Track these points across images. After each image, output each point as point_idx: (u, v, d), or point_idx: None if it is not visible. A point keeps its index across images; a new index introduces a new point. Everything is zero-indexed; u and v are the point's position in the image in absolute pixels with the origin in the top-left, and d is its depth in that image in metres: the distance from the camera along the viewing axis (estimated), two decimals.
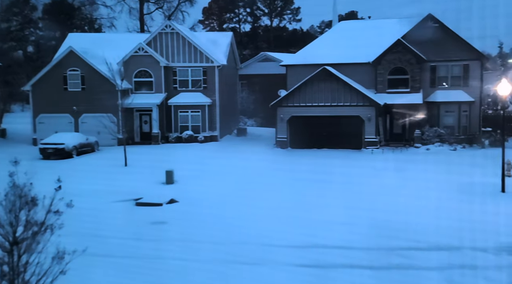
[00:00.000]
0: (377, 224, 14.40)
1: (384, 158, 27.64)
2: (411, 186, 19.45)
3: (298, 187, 19.74)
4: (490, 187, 18.78)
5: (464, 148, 30.12)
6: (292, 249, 12.68)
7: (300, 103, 31.35)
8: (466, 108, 31.99)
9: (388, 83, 32.68)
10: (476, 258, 11.75)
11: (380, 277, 10.85)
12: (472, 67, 32.01)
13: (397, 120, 32.94)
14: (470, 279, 10.60)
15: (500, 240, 12.81)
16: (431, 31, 31.76)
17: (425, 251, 12.35)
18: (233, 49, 40.13)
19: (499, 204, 16.76)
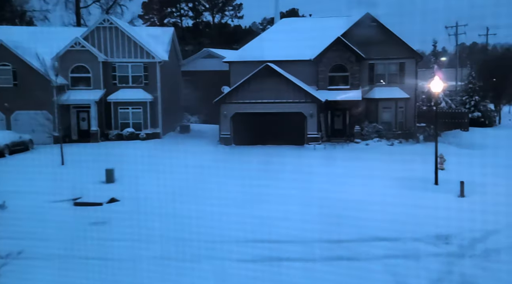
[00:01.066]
0: (321, 219, 14.65)
1: (325, 154, 28.23)
2: (351, 180, 19.95)
3: (243, 183, 19.72)
4: (425, 180, 19.64)
5: (401, 143, 31.35)
6: (237, 244, 12.64)
7: (243, 100, 31.37)
8: (402, 104, 33.31)
9: (329, 80, 33.40)
10: (413, 248, 12.23)
11: (325, 270, 11.03)
12: (408, 65, 33.35)
13: (338, 116, 33.77)
14: (409, 268, 11.01)
15: (435, 230, 13.40)
16: (369, 30, 32.74)
17: (367, 243, 12.70)
18: (175, 45, 39.53)
19: (432, 196, 17.55)
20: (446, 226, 13.69)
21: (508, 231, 13.35)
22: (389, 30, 32.96)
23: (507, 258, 11.36)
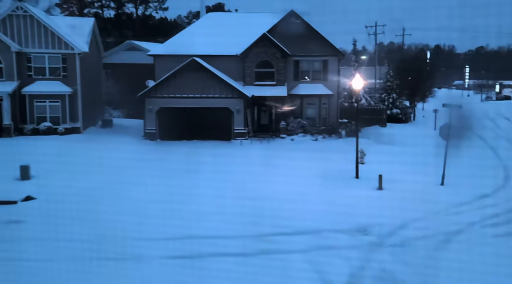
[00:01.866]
0: (246, 212, 14.72)
1: (252, 149, 28.46)
2: (277, 174, 20.27)
3: (168, 179, 19.37)
4: (346, 174, 20.41)
5: (325, 138, 32.33)
6: (162, 241, 12.39)
7: (169, 94, 30.79)
8: (326, 101, 34.35)
9: (256, 75, 33.66)
10: (334, 239, 12.65)
11: (249, 263, 11.10)
12: (331, 63, 34.40)
13: (265, 112, 34.16)
14: (329, 259, 11.37)
15: (355, 222, 13.94)
16: (293, 27, 33.37)
17: (290, 236, 12.95)
18: (96, 36, 37.92)
19: (353, 188, 18.28)
20: (365, 218, 14.30)
21: (422, 222, 14.18)
22: (312, 28, 33.79)
23: (421, 246, 12.06)
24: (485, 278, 9.96)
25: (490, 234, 12.99)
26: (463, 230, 13.26)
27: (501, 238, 12.72)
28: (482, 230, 13.37)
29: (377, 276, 10.28)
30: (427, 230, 13.20)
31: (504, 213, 15.04)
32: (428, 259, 11.24)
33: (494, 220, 14.30)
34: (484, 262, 10.91)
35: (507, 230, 13.30)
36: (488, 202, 16.41)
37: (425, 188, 18.23)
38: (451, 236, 12.72)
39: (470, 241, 12.44)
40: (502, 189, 18.41)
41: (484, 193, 17.47)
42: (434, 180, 19.06)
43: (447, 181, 18.84)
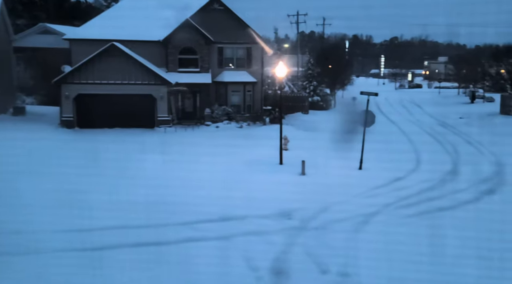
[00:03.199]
0: (168, 201, 14.51)
1: (176, 136, 28.06)
2: (201, 162, 20.16)
3: (85, 168, 18.58)
4: (270, 160, 20.75)
5: (249, 125, 32.63)
6: (68, 233, 11.82)
7: (87, 80, 29.50)
8: (250, 88, 34.60)
9: (179, 62, 33.11)
10: (259, 225, 12.84)
11: (171, 252, 10.97)
12: (254, 50, 34.65)
13: (189, 99, 33.75)
14: (254, 244, 11.54)
15: (279, 207, 14.24)
16: (217, 14, 33.16)
17: (215, 222, 12.96)
18: (4, 18, 35.30)
19: (277, 174, 18.64)
20: (289, 203, 14.64)
21: (342, 205, 14.79)
22: (236, 15, 33.76)
23: (342, 229, 12.58)
24: (398, 256, 10.59)
25: (404, 214, 13.83)
26: (379, 212, 13.99)
27: (413, 218, 13.59)
28: (396, 211, 14.19)
29: (300, 260, 10.59)
30: (347, 213, 13.78)
31: (415, 194, 16.06)
32: (348, 240, 11.75)
33: (407, 201, 15.24)
34: (398, 241, 11.62)
35: (418, 210, 14.22)
36: (402, 184, 17.45)
37: (345, 172, 19.00)
38: (369, 218, 13.39)
39: (385, 222, 13.17)
40: (414, 172, 19.64)
41: (398, 176, 18.54)
42: (353, 165, 19.91)
43: (364, 165, 19.75)
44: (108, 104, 30.03)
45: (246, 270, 10.03)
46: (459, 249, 10.88)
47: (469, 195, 15.96)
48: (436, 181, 17.91)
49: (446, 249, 10.97)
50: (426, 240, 11.72)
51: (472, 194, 16.10)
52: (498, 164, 21.14)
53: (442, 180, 18.12)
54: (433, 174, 18.81)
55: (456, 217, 13.64)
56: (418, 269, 10.04)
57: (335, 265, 10.20)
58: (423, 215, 13.85)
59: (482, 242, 11.30)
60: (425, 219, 13.46)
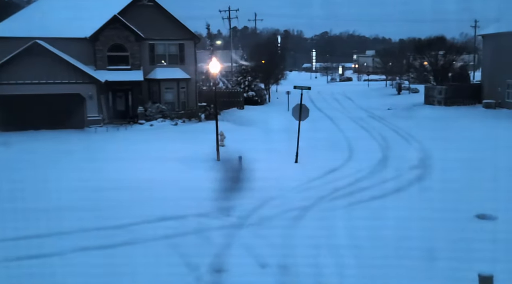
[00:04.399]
0: (102, 204, 14.02)
1: (107, 136, 27.15)
2: (135, 161, 19.64)
3: (10, 174, 17.53)
4: (207, 157, 20.59)
5: (184, 122, 32.21)
6: None
7: (8, 81, 27.85)
8: (184, 85, 34.14)
9: (108, 59, 32.03)
10: (197, 223, 12.70)
11: (109, 255, 10.61)
12: (187, 46, 34.20)
13: (120, 98, 32.77)
14: (193, 242, 11.41)
15: (217, 203, 14.16)
16: (147, 9, 32.39)
17: (151, 223, 12.67)
18: None
19: (214, 171, 18.53)
20: (227, 199, 14.60)
21: (278, 200, 14.95)
22: (166, 11, 33.15)
23: (278, 223, 12.71)
24: (334, 249, 10.86)
25: (338, 205, 14.21)
26: (314, 204, 14.29)
27: (346, 208, 13.99)
28: (330, 202, 14.55)
29: (239, 254, 10.59)
30: (283, 207, 13.95)
31: (348, 185, 16.56)
32: (284, 234, 11.89)
33: (341, 192, 15.67)
34: (331, 233, 11.93)
35: (351, 201, 14.65)
36: (336, 176, 17.92)
37: (281, 166, 19.23)
38: (304, 211, 13.63)
39: (320, 214, 13.46)
40: (347, 163, 20.24)
41: (333, 167, 19.03)
42: (289, 159, 20.20)
43: (300, 158, 20.09)
44: (33, 105, 28.48)
45: (185, 270, 9.89)
46: (388, 241, 11.33)
47: (399, 183, 16.67)
48: (368, 171, 18.56)
49: (379, 240, 11.39)
50: (359, 231, 12.09)
51: (402, 182, 16.84)
52: (424, 151, 22.27)
53: (374, 170, 18.81)
54: (366, 164, 19.48)
55: (387, 206, 14.19)
56: (354, 260, 10.36)
57: (274, 259, 10.29)
58: (356, 205, 14.29)
59: (413, 231, 11.85)
60: (360, 209, 13.91)
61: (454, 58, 51.87)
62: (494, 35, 39.59)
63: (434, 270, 9.62)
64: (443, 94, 42.79)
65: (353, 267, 9.99)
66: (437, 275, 9.38)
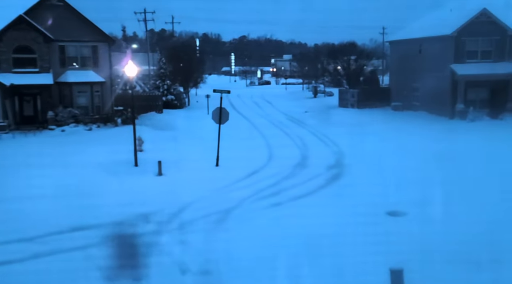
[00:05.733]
0: (10, 217, 13.03)
1: (14, 144, 25.31)
2: (46, 168, 18.47)
3: None
4: (125, 162, 19.88)
5: (99, 127, 30.90)
6: None
7: None
8: (98, 88, 32.75)
9: (14, 62, 29.96)
10: (114, 231, 12.17)
11: (15, 271, 9.85)
12: (101, 49, 32.86)
13: (28, 102, 30.75)
14: (108, 252, 10.92)
15: (135, 210, 13.69)
16: (56, 10, 30.73)
17: (66, 234, 11.97)
18: None
19: (133, 177, 17.93)
20: (146, 206, 14.18)
21: (200, 203, 14.76)
22: (78, 12, 31.67)
23: (201, 227, 12.54)
24: (256, 250, 10.91)
25: (261, 206, 14.31)
26: (237, 206, 14.28)
27: (269, 209, 14.13)
28: (254, 203, 14.62)
29: (159, 262, 10.28)
30: (205, 210, 13.80)
31: (271, 185, 16.76)
32: (207, 238, 11.75)
33: (264, 193, 15.81)
34: (256, 233, 11.98)
35: (273, 202, 14.83)
36: (259, 177, 18.07)
37: (202, 170, 19.04)
38: (227, 214, 13.57)
39: (243, 215, 13.48)
40: (268, 164, 20.50)
41: (254, 169, 19.17)
42: (210, 162, 20.06)
43: (221, 161, 20.02)
44: None
45: (102, 281, 9.41)
46: (312, 239, 11.60)
47: (319, 183, 17.15)
48: (288, 172, 18.91)
49: (295, 238, 11.61)
50: (284, 230, 12.25)
51: (320, 182, 17.34)
52: (340, 152, 23.15)
53: (293, 171, 19.21)
54: (286, 165, 19.84)
55: (308, 205, 14.52)
56: (273, 262, 10.46)
57: (196, 265, 10.11)
58: (279, 205, 14.48)
59: (339, 227, 12.22)
60: (282, 209, 14.10)
61: (365, 63, 54.63)
62: (400, 41, 42.23)
63: (345, 264, 9.95)
64: (356, 97, 44.87)
65: (272, 269, 10.07)
66: (349, 269, 9.70)
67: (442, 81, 34.34)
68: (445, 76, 34.09)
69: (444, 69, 34.11)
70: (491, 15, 32.71)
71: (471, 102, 33.40)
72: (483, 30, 32.67)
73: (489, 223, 12.16)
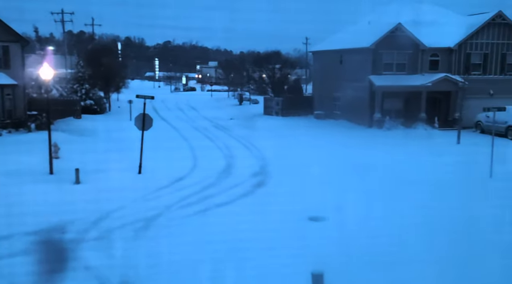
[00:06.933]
0: None
1: None
2: None
3: None
4: (39, 170, 18.68)
5: (11, 133, 28.88)
6: None
7: None
8: (10, 91, 30.64)
9: None
10: (25, 243, 11.33)
11: None
12: (13, 50, 30.79)
13: None
14: (20, 266, 10.12)
15: (50, 220, 12.87)
16: None
17: None
18: None
19: (48, 186, 16.86)
20: (63, 215, 13.37)
21: (121, 211, 14.16)
22: None
23: (122, 236, 12.00)
24: (180, 258, 10.62)
25: (185, 214, 13.99)
26: (161, 214, 13.86)
27: (193, 217, 13.86)
28: (178, 211, 14.27)
29: (77, 273, 9.68)
30: (126, 219, 13.26)
31: (196, 193, 16.48)
32: (128, 248, 11.27)
33: (189, 200, 15.50)
34: (179, 241, 11.67)
35: (199, 209, 14.57)
36: (183, 184, 17.71)
37: (124, 177, 18.34)
38: (150, 221, 13.12)
39: (166, 223, 13.10)
40: (193, 171, 20.17)
41: (178, 177, 18.77)
42: (133, 169, 19.38)
43: (144, 169, 19.41)
44: None
45: None
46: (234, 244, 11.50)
47: (243, 190, 17.12)
48: (213, 179, 18.72)
49: (226, 244, 11.48)
50: (207, 237, 12.05)
51: (245, 188, 17.32)
52: (264, 159, 23.35)
53: (219, 177, 19.04)
54: (211, 173, 19.63)
55: (233, 212, 14.41)
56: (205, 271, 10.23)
57: (116, 276, 9.63)
58: (202, 212, 14.24)
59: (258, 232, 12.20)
60: (205, 216, 13.87)
61: (289, 71, 55.91)
62: (322, 52, 43.70)
63: (268, 268, 9.97)
64: (280, 105, 45.69)
65: (194, 275, 9.86)
66: (272, 273, 9.74)
67: (361, 91, 35.92)
68: (364, 87, 35.68)
69: (363, 79, 35.70)
70: (406, 30, 34.76)
71: (387, 112, 35.22)
72: (398, 44, 34.62)
73: (401, 227, 12.77)
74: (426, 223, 13.15)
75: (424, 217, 13.64)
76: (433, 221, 13.33)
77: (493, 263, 10.39)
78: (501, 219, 13.47)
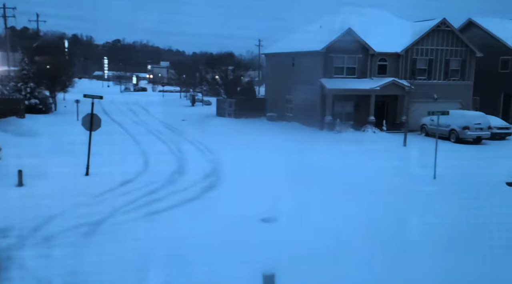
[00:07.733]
0: None
1: None
2: None
3: None
4: None
5: None
6: None
7: None
8: None
9: None
10: None
11: None
12: None
13: None
14: None
15: None
16: None
17: None
18: None
19: None
20: (4, 219, 12.71)
21: (65, 216, 13.64)
22: None
23: (66, 241, 11.54)
24: (123, 265, 10.33)
25: (132, 218, 13.63)
26: (106, 218, 13.43)
27: (141, 220, 13.52)
28: (124, 215, 13.88)
29: (19, 279, 9.20)
30: (73, 222, 12.77)
31: (144, 196, 16.11)
32: (72, 254, 10.84)
33: (136, 204, 15.11)
34: (126, 245, 11.34)
35: (146, 212, 14.23)
36: (131, 187, 17.26)
37: (70, 180, 17.70)
38: (94, 226, 12.69)
39: (113, 227, 12.71)
40: (142, 174, 19.72)
41: (127, 179, 18.29)
42: (79, 171, 18.73)
43: (92, 170, 18.80)
44: None
45: None
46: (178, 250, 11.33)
47: (193, 193, 16.89)
48: (163, 181, 18.36)
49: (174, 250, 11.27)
50: (156, 241, 11.79)
51: (196, 191, 17.10)
52: (215, 161, 23.19)
53: (169, 180, 18.71)
54: (161, 175, 19.26)
55: (180, 216, 14.16)
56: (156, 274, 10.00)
57: (59, 279, 9.23)
58: (151, 216, 13.93)
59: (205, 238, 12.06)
60: (154, 220, 13.57)
61: (242, 73, 55.93)
62: (274, 54, 44.02)
63: (219, 271, 9.89)
64: (233, 106, 45.62)
65: (142, 280, 9.62)
66: (222, 276, 9.66)
67: (313, 94, 36.45)
68: (315, 89, 36.23)
69: (314, 82, 36.24)
70: (355, 35, 35.60)
71: (338, 115, 35.92)
72: (348, 49, 35.39)
73: (351, 229, 13.05)
74: (366, 223, 13.55)
75: (366, 218, 14.04)
76: (373, 222, 13.69)
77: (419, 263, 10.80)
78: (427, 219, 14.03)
